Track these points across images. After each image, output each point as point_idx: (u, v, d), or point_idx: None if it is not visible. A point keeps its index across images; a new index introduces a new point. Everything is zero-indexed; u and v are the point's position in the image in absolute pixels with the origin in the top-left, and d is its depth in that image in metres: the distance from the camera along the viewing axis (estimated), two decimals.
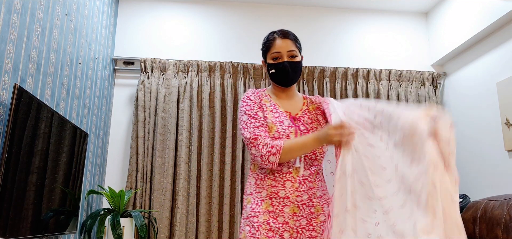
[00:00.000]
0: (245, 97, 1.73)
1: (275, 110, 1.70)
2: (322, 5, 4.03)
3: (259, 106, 1.70)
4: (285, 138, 1.61)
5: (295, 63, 1.71)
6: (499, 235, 2.45)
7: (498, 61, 3.21)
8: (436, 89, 3.86)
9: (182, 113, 3.48)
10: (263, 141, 1.58)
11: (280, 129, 1.63)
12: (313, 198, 1.62)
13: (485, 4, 3.23)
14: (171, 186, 3.36)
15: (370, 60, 3.96)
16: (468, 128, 3.54)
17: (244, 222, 1.63)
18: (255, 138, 1.59)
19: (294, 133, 1.64)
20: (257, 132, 1.60)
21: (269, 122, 1.65)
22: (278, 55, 1.71)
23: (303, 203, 1.61)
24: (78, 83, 2.87)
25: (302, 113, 1.74)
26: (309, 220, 1.61)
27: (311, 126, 1.71)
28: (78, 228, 2.89)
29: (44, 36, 2.35)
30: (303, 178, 1.63)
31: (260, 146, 1.57)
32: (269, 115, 1.67)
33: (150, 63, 3.59)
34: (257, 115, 1.67)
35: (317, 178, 1.66)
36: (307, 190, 1.62)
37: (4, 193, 1.76)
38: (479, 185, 3.36)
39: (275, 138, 1.61)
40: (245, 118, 1.66)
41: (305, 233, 1.61)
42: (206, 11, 3.91)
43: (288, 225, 1.59)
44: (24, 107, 1.91)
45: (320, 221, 1.62)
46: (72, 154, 2.54)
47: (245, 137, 1.62)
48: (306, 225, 1.61)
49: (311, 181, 1.64)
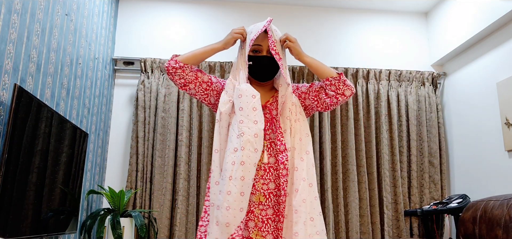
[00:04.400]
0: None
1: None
2: (322, 5, 4.03)
3: (221, 86, 1.75)
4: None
5: (274, 60, 1.69)
6: (499, 235, 2.45)
7: (498, 61, 3.21)
8: (436, 89, 3.86)
9: (182, 114, 3.48)
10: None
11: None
12: (281, 188, 1.57)
13: (485, 4, 3.23)
14: (171, 186, 3.36)
15: (370, 60, 3.96)
16: (468, 128, 3.54)
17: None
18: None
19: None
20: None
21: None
22: (259, 48, 1.70)
23: (269, 192, 1.59)
24: (78, 83, 2.87)
25: (272, 102, 1.72)
26: (276, 210, 1.57)
27: (277, 113, 1.67)
28: (78, 228, 2.89)
29: (44, 36, 2.35)
30: (268, 165, 1.61)
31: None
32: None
33: (150, 63, 3.59)
34: (210, 77, 1.75)
35: (285, 167, 1.59)
36: (274, 179, 1.59)
37: (4, 193, 1.76)
38: (479, 185, 3.36)
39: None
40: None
41: (271, 224, 1.57)
42: (206, 11, 3.91)
43: (253, 214, 1.56)
44: (24, 107, 1.91)
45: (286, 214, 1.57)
46: (72, 154, 2.54)
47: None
48: (272, 216, 1.57)
49: (276, 170, 1.60)
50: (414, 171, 3.64)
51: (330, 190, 3.48)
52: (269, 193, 1.58)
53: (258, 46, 1.70)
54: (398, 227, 3.53)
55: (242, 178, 1.51)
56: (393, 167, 3.63)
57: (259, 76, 1.72)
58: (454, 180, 3.73)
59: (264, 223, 1.56)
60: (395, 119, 3.70)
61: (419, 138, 3.73)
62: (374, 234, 3.50)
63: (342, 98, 1.68)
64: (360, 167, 3.59)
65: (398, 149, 3.66)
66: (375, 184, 3.57)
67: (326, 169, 3.51)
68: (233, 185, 1.51)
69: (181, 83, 1.69)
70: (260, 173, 1.58)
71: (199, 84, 1.71)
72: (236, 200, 1.50)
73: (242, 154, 1.53)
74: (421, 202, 3.62)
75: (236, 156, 1.54)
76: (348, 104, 3.67)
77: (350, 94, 1.67)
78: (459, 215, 3.08)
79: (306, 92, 1.76)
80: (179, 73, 1.67)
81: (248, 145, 1.54)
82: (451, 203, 3.24)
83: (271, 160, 1.61)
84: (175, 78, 1.68)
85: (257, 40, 1.69)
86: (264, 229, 1.56)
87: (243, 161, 1.52)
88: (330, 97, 1.69)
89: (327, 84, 1.68)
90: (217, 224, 1.51)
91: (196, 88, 1.71)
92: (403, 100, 3.78)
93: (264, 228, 1.56)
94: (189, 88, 1.71)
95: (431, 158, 3.68)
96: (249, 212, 1.56)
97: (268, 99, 1.74)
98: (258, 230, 1.55)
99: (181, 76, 1.67)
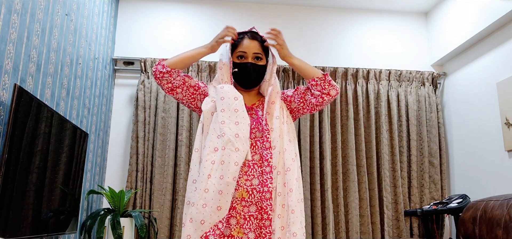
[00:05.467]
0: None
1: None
2: (322, 5, 4.03)
3: (203, 92, 1.75)
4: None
5: (258, 66, 1.71)
6: (499, 235, 2.45)
7: (498, 61, 3.21)
8: (436, 90, 3.86)
9: (182, 114, 3.48)
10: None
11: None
12: (264, 185, 1.56)
13: (485, 4, 3.23)
14: (171, 186, 3.36)
15: (370, 60, 3.96)
16: (468, 128, 3.54)
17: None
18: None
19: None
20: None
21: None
22: (244, 54, 1.71)
23: (253, 188, 1.57)
24: (78, 83, 2.87)
25: (258, 104, 1.74)
26: (259, 207, 1.55)
27: (263, 114, 1.68)
28: (78, 228, 2.89)
29: (44, 36, 2.35)
30: (253, 162, 1.60)
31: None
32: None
33: (150, 63, 3.59)
34: (197, 82, 1.77)
35: (269, 165, 1.59)
36: (258, 175, 1.58)
37: (4, 193, 1.76)
38: (479, 185, 3.36)
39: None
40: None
41: (253, 221, 1.54)
42: (206, 11, 3.91)
43: (235, 211, 1.54)
44: (24, 107, 1.91)
45: (270, 210, 1.55)
46: (72, 154, 2.54)
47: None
48: (255, 213, 1.55)
49: (261, 166, 1.60)
50: (414, 171, 3.64)
51: (330, 190, 3.48)
52: (252, 188, 1.56)
53: (243, 53, 1.71)
54: (398, 227, 3.53)
55: (221, 176, 1.52)
56: (393, 167, 3.63)
57: (244, 83, 1.73)
58: (454, 180, 3.73)
59: (246, 220, 1.54)
60: (395, 119, 3.70)
61: (419, 138, 3.73)
62: (374, 234, 3.49)
63: (328, 98, 1.70)
64: (360, 167, 3.59)
65: (398, 149, 3.66)
66: (375, 184, 3.57)
67: (326, 169, 3.51)
68: (211, 183, 1.51)
69: (168, 88, 1.70)
70: (244, 169, 1.58)
71: (186, 89, 1.72)
72: (214, 198, 1.50)
73: (223, 153, 1.54)
74: (421, 202, 3.62)
75: (216, 155, 1.55)
76: (348, 104, 3.67)
77: (335, 94, 1.70)
78: (459, 215, 3.08)
79: (291, 96, 1.78)
80: (167, 78, 1.67)
81: (229, 144, 1.55)
82: (451, 203, 3.24)
83: (255, 157, 1.61)
84: (163, 83, 1.69)
85: (241, 46, 1.70)
86: (246, 227, 1.54)
87: (223, 160, 1.53)
88: (316, 97, 1.71)
89: (313, 84, 1.70)
90: (191, 221, 1.51)
91: (183, 93, 1.72)
92: (403, 101, 3.78)
93: (246, 225, 1.54)
94: (176, 93, 1.72)
95: (431, 158, 3.68)
96: (231, 209, 1.55)
97: (254, 103, 1.75)
98: (240, 227, 1.54)
99: (169, 81, 1.68)
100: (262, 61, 1.72)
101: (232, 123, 1.59)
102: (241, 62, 1.71)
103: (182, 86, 1.71)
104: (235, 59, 1.72)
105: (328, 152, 3.55)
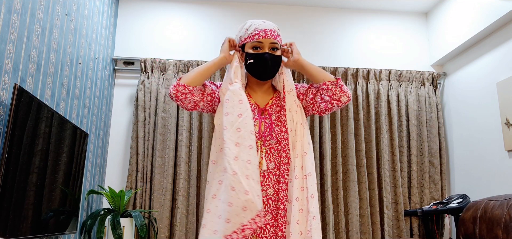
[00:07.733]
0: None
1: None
2: (322, 5, 4.03)
3: (218, 95, 1.69)
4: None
5: (276, 56, 1.65)
6: (499, 235, 2.45)
7: (498, 61, 3.21)
8: (436, 90, 3.86)
9: (182, 113, 3.48)
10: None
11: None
12: (280, 193, 1.54)
13: (485, 4, 3.23)
14: (171, 186, 3.36)
15: (370, 60, 3.96)
16: (468, 128, 3.54)
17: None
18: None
19: (258, 125, 1.61)
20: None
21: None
22: (260, 45, 1.64)
23: (268, 198, 1.55)
24: (78, 83, 2.87)
25: (271, 104, 1.68)
26: (275, 215, 1.54)
27: (279, 116, 1.64)
28: (78, 228, 2.89)
29: (44, 36, 2.35)
30: (268, 171, 1.57)
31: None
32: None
33: (150, 63, 3.59)
34: (211, 87, 1.70)
35: (285, 172, 1.56)
36: (273, 184, 1.56)
37: (4, 193, 1.76)
38: (479, 185, 3.36)
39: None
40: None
41: (270, 229, 1.53)
42: (206, 11, 3.91)
43: None
44: (24, 107, 1.91)
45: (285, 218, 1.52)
46: (72, 154, 2.54)
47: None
48: (271, 221, 1.53)
49: (275, 175, 1.57)
50: (414, 171, 3.64)
51: (330, 190, 3.48)
52: (268, 199, 1.55)
53: (259, 43, 1.64)
54: (398, 227, 3.53)
55: (248, 161, 1.47)
56: (393, 167, 3.63)
57: (262, 74, 1.66)
58: (454, 180, 3.73)
59: (263, 229, 1.53)
60: (395, 119, 3.70)
61: (419, 138, 3.73)
62: (374, 234, 3.50)
63: (337, 105, 1.64)
64: (360, 167, 3.59)
65: (398, 149, 3.66)
66: (375, 184, 3.57)
67: (326, 169, 3.51)
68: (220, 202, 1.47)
69: (191, 106, 1.64)
70: (260, 179, 1.55)
71: (206, 99, 1.67)
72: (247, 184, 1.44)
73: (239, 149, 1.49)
74: (421, 202, 3.62)
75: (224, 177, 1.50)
76: (348, 104, 3.67)
77: (346, 100, 1.63)
78: (459, 215, 3.08)
79: (304, 94, 1.73)
80: (189, 98, 1.62)
81: (232, 181, 1.45)
82: (451, 203, 3.24)
83: (270, 165, 1.57)
84: (185, 103, 1.62)
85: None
86: (263, 235, 1.53)
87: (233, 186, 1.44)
88: (325, 102, 1.65)
89: (324, 88, 1.64)
90: (225, 220, 1.44)
91: (205, 104, 1.67)
92: (403, 100, 3.78)
93: (263, 234, 1.53)
94: (199, 107, 1.67)
95: (431, 158, 3.68)
96: None
97: (267, 102, 1.69)
98: (257, 237, 1.52)
99: (191, 100, 1.63)
100: (278, 52, 1.67)
101: (233, 143, 1.50)
102: (257, 53, 1.63)
103: (202, 98, 1.66)
104: (250, 50, 1.64)
105: (328, 152, 3.55)
